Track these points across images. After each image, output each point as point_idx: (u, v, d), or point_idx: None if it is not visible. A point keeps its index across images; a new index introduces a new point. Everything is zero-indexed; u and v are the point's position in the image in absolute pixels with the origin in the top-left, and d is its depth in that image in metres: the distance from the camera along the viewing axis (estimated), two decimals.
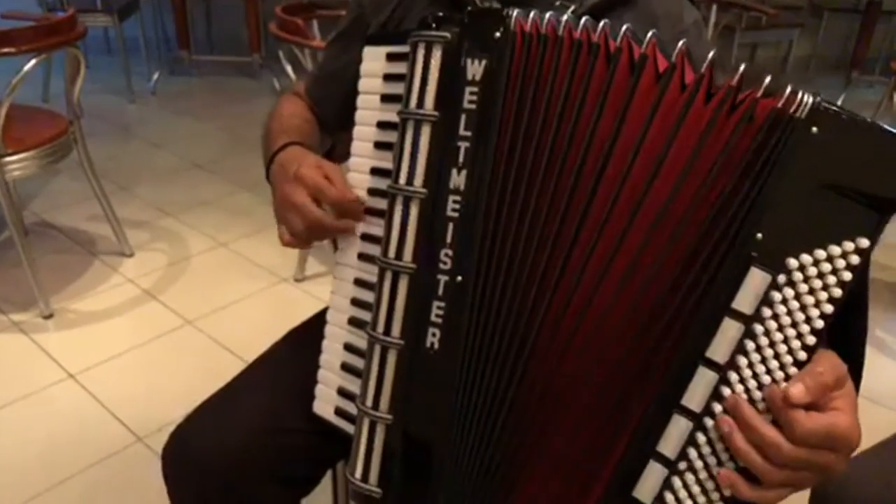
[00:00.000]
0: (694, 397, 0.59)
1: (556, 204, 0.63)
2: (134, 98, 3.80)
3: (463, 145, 0.65)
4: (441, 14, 0.66)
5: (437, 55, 0.65)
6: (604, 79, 0.61)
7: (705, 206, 0.59)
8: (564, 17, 0.63)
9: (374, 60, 0.76)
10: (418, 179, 0.67)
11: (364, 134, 0.77)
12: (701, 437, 0.60)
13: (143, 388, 1.77)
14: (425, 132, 0.66)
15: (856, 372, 0.60)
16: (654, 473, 0.61)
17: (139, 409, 1.69)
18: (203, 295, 2.14)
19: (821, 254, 0.55)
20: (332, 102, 0.97)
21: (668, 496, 0.61)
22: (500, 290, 0.65)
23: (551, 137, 0.63)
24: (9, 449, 1.57)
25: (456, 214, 0.65)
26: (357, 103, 0.77)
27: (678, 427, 0.60)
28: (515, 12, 0.63)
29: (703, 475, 0.60)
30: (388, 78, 0.75)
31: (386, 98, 0.75)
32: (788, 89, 0.57)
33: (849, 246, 0.54)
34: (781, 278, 0.56)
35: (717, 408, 0.59)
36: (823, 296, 0.55)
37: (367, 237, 0.76)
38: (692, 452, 0.60)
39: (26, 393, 1.73)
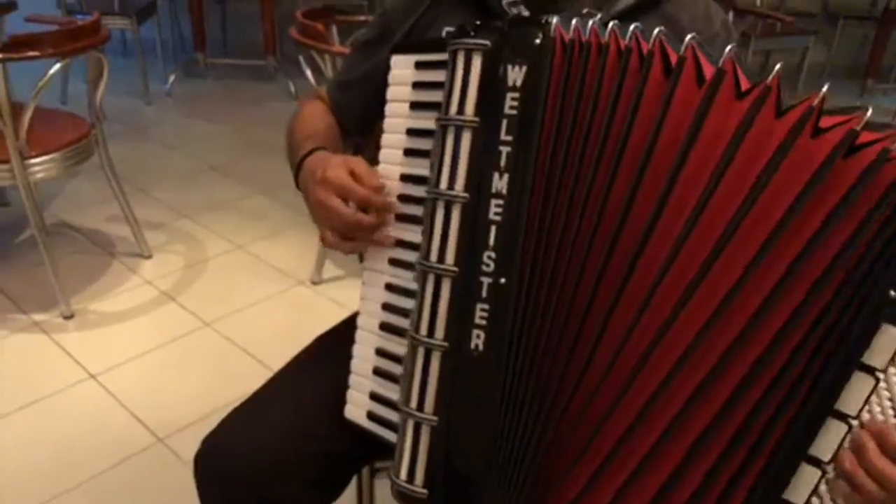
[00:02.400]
0: (823, 447, 0.58)
1: (600, 205, 0.64)
2: (150, 100, 3.83)
3: (504, 150, 0.66)
4: (478, 22, 0.67)
5: (477, 62, 0.67)
6: (663, 88, 0.61)
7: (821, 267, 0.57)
8: (610, 25, 0.64)
9: (402, 68, 0.77)
10: (459, 184, 0.68)
11: (393, 141, 0.78)
12: (822, 487, 0.59)
13: (163, 389, 1.79)
14: (466, 137, 0.67)
15: None
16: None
17: (159, 409, 1.70)
18: (220, 297, 2.16)
19: None
20: (353, 108, 0.98)
21: None
22: (545, 291, 0.66)
23: (599, 144, 0.64)
24: (31, 448, 1.59)
25: (498, 218, 0.66)
26: (385, 111, 0.79)
27: (807, 476, 0.59)
28: (555, 19, 0.64)
29: None
30: (417, 86, 0.76)
31: (416, 105, 0.76)
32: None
33: None
34: None
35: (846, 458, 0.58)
36: None
37: (398, 242, 0.77)
38: (814, 501, 0.59)
39: (48, 393, 1.75)
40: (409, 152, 0.76)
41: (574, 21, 0.65)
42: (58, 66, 1.89)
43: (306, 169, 0.85)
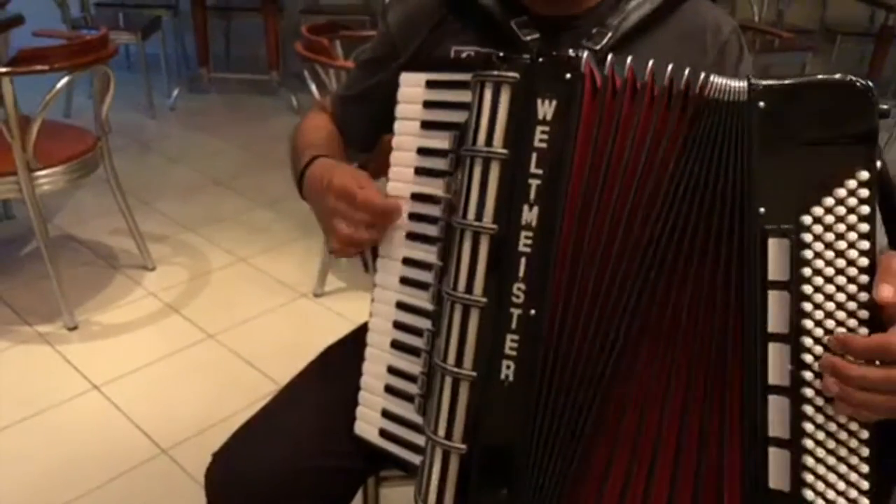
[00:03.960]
0: (777, 373, 0.61)
1: (631, 237, 0.65)
2: (154, 114, 3.85)
3: (534, 183, 0.66)
4: (503, 55, 0.68)
5: (505, 95, 0.67)
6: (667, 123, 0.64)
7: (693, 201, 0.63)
8: (628, 61, 0.66)
9: (412, 87, 0.77)
10: (488, 216, 0.67)
11: (402, 159, 0.78)
12: (808, 408, 0.61)
13: (167, 401, 1.79)
14: (494, 169, 0.67)
15: None
16: (778, 459, 0.62)
17: (163, 421, 1.70)
18: (224, 309, 2.17)
19: (829, 201, 0.59)
20: (356, 124, 0.99)
21: (808, 476, 0.62)
22: (579, 323, 0.67)
23: (623, 177, 0.65)
24: (34, 459, 1.59)
25: (528, 250, 0.66)
26: (395, 129, 0.79)
27: (778, 407, 0.62)
28: (585, 54, 0.65)
29: (831, 444, 0.61)
30: (428, 105, 0.76)
31: (427, 125, 0.76)
32: (721, 80, 0.62)
33: (852, 184, 0.58)
34: (806, 237, 0.59)
35: (807, 375, 0.60)
36: (853, 235, 0.58)
37: (409, 261, 0.77)
38: (808, 426, 0.61)
39: (52, 404, 1.75)
40: (419, 171, 0.77)
41: (611, 60, 0.66)
42: (65, 80, 1.91)
43: (310, 177, 0.85)
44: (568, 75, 0.65)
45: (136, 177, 3.01)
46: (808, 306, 0.60)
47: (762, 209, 0.61)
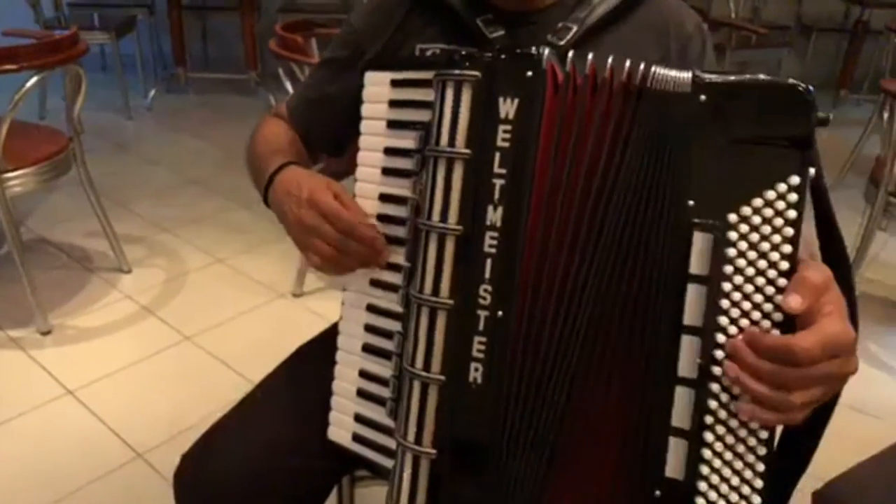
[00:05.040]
0: (686, 365, 0.62)
1: (591, 232, 0.65)
2: (130, 115, 3.81)
3: (498, 182, 0.65)
4: (465, 52, 0.67)
5: (467, 94, 0.66)
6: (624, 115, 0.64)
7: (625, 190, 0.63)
8: (590, 58, 0.65)
9: (377, 86, 0.76)
10: (453, 217, 0.67)
11: (369, 160, 0.77)
12: (712, 403, 0.62)
13: (143, 404, 1.77)
14: (458, 170, 0.66)
15: (845, 284, 0.62)
16: (677, 449, 0.63)
17: (139, 425, 1.68)
18: (201, 311, 2.15)
19: (759, 202, 0.59)
20: (319, 126, 0.96)
21: (703, 468, 0.63)
22: (546, 320, 0.66)
23: (583, 173, 0.64)
24: (7, 466, 1.56)
25: (494, 250, 0.65)
26: (360, 128, 0.77)
27: (682, 398, 0.62)
28: (546, 52, 0.65)
29: (730, 440, 0.62)
30: (394, 104, 0.75)
31: (393, 124, 0.75)
32: (665, 71, 0.62)
33: (782, 187, 0.58)
34: (731, 234, 0.60)
35: (716, 370, 0.61)
36: (777, 238, 0.59)
37: None
38: (709, 419, 0.62)
39: (25, 409, 1.72)
40: (387, 171, 0.76)
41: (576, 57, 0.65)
42: (35, 78, 1.87)
43: (280, 185, 0.83)
44: (529, 73, 0.64)
45: (113, 178, 2.97)
46: (724, 303, 0.60)
47: (691, 202, 0.61)
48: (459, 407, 0.68)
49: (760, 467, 0.62)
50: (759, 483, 0.62)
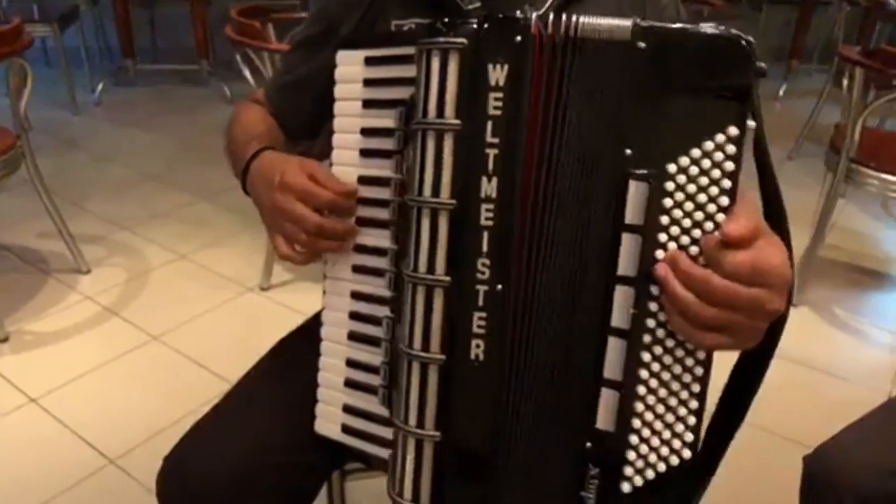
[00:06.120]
0: (619, 316, 0.62)
1: (571, 191, 0.63)
2: (78, 110, 3.69)
3: (491, 152, 0.63)
4: (447, 20, 0.64)
5: (454, 62, 0.63)
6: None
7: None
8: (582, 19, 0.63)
9: (350, 65, 0.74)
10: (445, 191, 0.64)
11: (346, 142, 0.75)
12: (645, 355, 0.62)
13: (111, 409, 1.71)
14: (448, 142, 0.64)
15: (782, 232, 0.62)
16: (608, 401, 0.64)
17: (108, 430, 1.63)
18: (167, 309, 2.09)
19: (696, 153, 0.58)
20: (298, 110, 0.94)
21: (635, 421, 0.63)
22: (543, 289, 0.65)
23: (578, 136, 0.62)
24: None
25: (490, 223, 0.64)
26: (334, 110, 0.75)
27: (616, 349, 0.62)
28: (534, 15, 0.62)
29: (662, 392, 0.62)
30: (369, 83, 0.73)
31: (370, 104, 0.73)
32: (601, 20, 0.61)
33: (721, 138, 0.57)
34: (668, 185, 0.59)
35: (650, 322, 0.61)
36: (714, 190, 0.58)
37: (360, 248, 0.74)
38: (643, 372, 0.62)
39: None
40: (365, 153, 0.73)
41: (570, 17, 0.62)
42: None
43: (256, 172, 0.81)
44: (518, 38, 0.62)
45: (63, 176, 2.87)
46: (660, 253, 0.60)
47: (628, 151, 0.60)
48: (462, 386, 0.66)
49: (692, 420, 0.62)
50: (689, 437, 0.63)
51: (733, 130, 0.57)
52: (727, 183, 0.58)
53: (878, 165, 2.06)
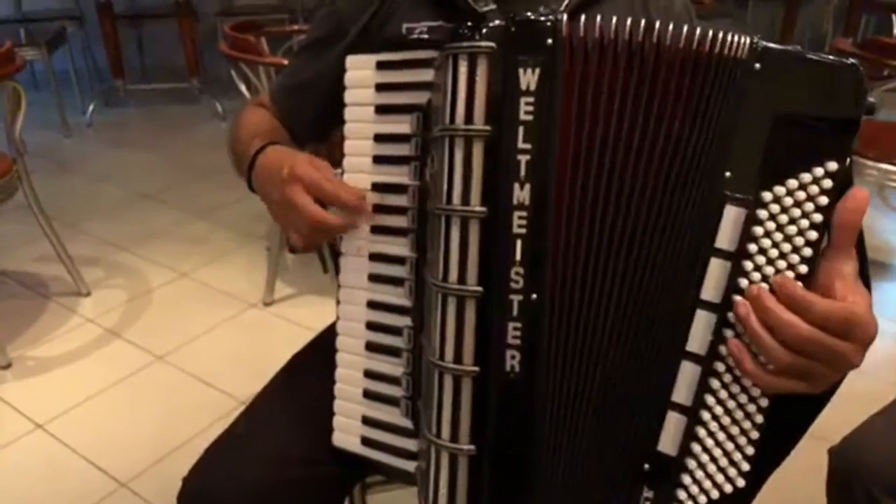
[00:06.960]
0: (696, 341, 0.61)
1: (620, 201, 0.62)
2: (69, 132, 3.67)
3: (524, 158, 0.62)
4: (471, 24, 0.63)
5: (483, 66, 0.62)
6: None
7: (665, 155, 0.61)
8: (615, 21, 0.62)
9: (361, 69, 0.72)
10: (475, 198, 0.63)
11: (358, 148, 0.73)
12: (714, 382, 0.61)
13: (120, 431, 1.69)
14: (478, 148, 0.62)
15: (864, 279, 0.61)
16: (673, 424, 0.63)
17: (118, 453, 1.60)
18: (170, 328, 2.07)
19: (793, 183, 0.56)
20: (305, 113, 0.93)
21: (695, 446, 0.63)
22: (574, 302, 0.64)
23: (617, 142, 0.61)
24: None
25: (523, 231, 0.62)
26: (345, 115, 0.74)
27: (688, 374, 0.61)
28: (564, 17, 0.61)
29: (726, 420, 0.61)
30: (382, 88, 0.71)
31: (382, 109, 0.71)
32: (726, 35, 0.59)
33: (819, 171, 0.56)
34: (761, 213, 0.58)
35: (723, 350, 0.60)
36: (805, 223, 0.57)
37: (376, 256, 0.73)
38: (710, 399, 0.61)
39: None
40: (379, 159, 0.72)
41: (600, 20, 0.62)
42: None
43: (262, 166, 0.80)
44: (549, 41, 0.61)
45: (58, 199, 2.84)
46: (743, 282, 0.59)
47: (728, 173, 0.59)
48: (498, 398, 0.65)
49: (750, 451, 0.62)
50: (746, 466, 0.62)
51: (832, 165, 0.56)
52: (818, 217, 0.56)
53: (876, 155, 2.07)
